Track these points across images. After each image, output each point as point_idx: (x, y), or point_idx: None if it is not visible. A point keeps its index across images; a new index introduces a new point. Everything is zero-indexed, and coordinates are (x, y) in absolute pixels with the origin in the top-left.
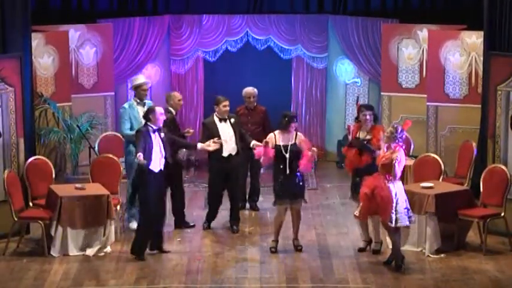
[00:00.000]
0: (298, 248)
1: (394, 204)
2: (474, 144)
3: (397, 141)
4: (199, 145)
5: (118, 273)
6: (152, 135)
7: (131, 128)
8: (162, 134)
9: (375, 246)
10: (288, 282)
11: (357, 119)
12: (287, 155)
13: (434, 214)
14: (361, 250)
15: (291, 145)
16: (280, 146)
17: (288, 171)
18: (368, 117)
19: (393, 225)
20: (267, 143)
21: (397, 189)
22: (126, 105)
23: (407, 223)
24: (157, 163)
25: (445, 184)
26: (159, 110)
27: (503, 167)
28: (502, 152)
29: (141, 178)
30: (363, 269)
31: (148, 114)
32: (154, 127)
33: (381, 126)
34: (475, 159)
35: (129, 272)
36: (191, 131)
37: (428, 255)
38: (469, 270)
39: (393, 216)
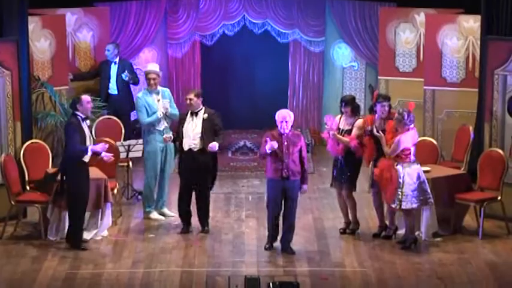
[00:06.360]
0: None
1: (398, 186)
2: (471, 128)
3: (406, 126)
4: None
5: (115, 257)
6: (82, 124)
7: (146, 115)
8: (89, 122)
9: (388, 232)
10: (285, 265)
11: (372, 109)
12: None
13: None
14: (375, 236)
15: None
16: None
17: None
18: (387, 108)
19: (395, 206)
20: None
21: (407, 172)
22: (139, 94)
23: (414, 205)
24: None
25: (441, 168)
26: (86, 98)
27: (500, 151)
28: (498, 136)
29: (73, 169)
30: (360, 253)
31: (75, 104)
32: (83, 116)
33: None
34: (472, 143)
35: (126, 256)
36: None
37: (425, 239)
38: (465, 254)
39: (397, 197)
